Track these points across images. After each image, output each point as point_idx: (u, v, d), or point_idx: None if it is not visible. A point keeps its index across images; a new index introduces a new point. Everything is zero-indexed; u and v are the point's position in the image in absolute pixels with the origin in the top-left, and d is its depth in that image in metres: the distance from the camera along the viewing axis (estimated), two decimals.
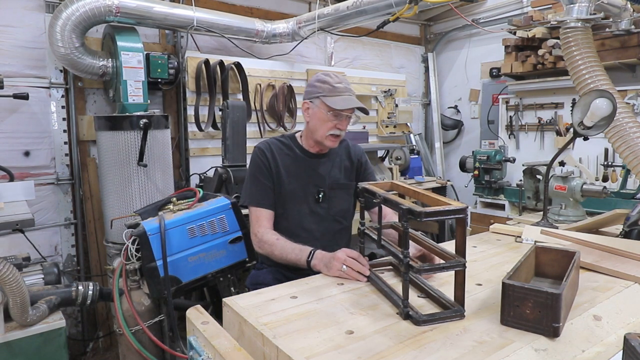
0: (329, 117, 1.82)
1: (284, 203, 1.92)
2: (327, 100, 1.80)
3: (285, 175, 1.91)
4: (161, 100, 3.57)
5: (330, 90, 1.81)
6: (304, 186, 1.92)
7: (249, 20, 3.54)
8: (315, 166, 1.95)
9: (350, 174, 2.02)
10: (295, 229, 1.91)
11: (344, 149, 2.05)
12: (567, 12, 2.10)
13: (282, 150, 1.95)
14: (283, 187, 1.91)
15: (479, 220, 3.65)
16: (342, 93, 1.81)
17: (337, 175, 1.98)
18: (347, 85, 1.86)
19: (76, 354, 3.17)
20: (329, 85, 1.82)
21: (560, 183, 2.50)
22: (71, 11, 2.65)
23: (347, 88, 1.84)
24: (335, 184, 1.96)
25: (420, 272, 1.18)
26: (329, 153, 2.00)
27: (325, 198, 1.94)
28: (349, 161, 2.03)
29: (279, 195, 1.92)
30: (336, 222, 1.98)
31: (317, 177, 1.94)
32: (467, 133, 5.23)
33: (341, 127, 1.85)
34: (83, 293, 2.10)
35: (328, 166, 1.97)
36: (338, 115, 1.82)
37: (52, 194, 3.14)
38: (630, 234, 1.79)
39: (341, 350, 1.00)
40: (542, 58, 3.54)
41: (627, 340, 0.79)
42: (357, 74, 4.59)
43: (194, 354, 1.12)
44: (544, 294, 1.04)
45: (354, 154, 2.05)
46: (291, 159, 1.94)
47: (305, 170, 1.93)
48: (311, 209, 1.93)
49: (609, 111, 1.76)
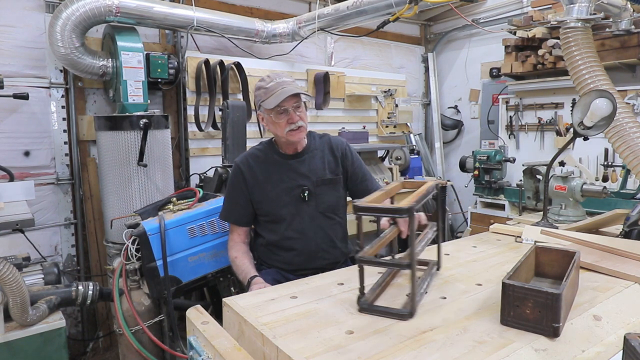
0: (277, 118, 1.85)
1: (272, 209, 1.94)
2: (264, 103, 1.84)
3: (267, 183, 1.93)
4: (161, 100, 3.57)
5: (264, 93, 1.85)
6: (287, 189, 1.93)
7: (249, 20, 3.54)
8: (295, 166, 1.95)
9: (335, 168, 2.01)
10: (287, 231, 1.93)
11: (325, 144, 2.04)
12: (567, 12, 2.10)
13: (259, 159, 1.97)
14: (267, 194, 1.93)
15: (479, 220, 3.65)
16: (275, 90, 1.83)
17: (321, 171, 1.97)
18: (281, 79, 1.87)
19: (76, 354, 3.17)
20: (262, 89, 1.87)
21: (560, 183, 2.50)
22: (71, 11, 2.65)
23: (279, 83, 1.85)
24: (320, 180, 1.95)
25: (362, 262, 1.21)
26: (309, 150, 1.99)
27: (311, 196, 1.93)
28: (332, 155, 2.02)
29: (265, 203, 1.94)
30: (327, 218, 1.97)
31: (299, 177, 1.94)
32: (467, 133, 5.22)
33: (293, 120, 1.85)
34: (83, 293, 2.10)
35: (309, 164, 1.97)
36: (283, 112, 1.84)
37: (52, 194, 3.14)
38: (630, 234, 1.79)
39: (341, 350, 1.00)
40: (542, 58, 3.54)
41: (627, 340, 0.79)
42: (357, 74, 4.59)
43: (194, 354, 1.12)
44: (544, 294, 1.04)
45: (336, 147, 2.03)
46: (270, 165, 1.96)
47: (285, 173, 1.94)
48: (299, 209, 1.93)
49: (609, 111, 1.76)
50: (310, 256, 1.93)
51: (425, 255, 1.51)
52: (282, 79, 1.87)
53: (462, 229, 4.70)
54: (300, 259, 1.93)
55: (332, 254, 1.97)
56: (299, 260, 1.93)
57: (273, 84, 1.85)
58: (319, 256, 1.94)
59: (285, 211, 1.93)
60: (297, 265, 1.93)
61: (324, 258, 1.94)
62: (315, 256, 1.93)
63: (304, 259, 1.93)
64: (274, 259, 1.97)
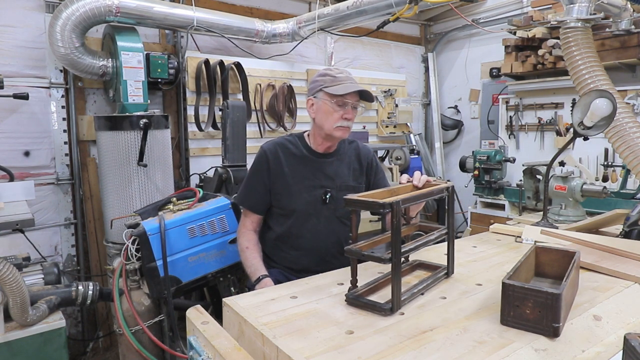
0: (334, 108, 1.81)
1: (289, 203, 1.90)
2: (329, 89, 1.79)
3: (291, 176, 1.89)
4: (161, 100, 3.57)
5: (331, 80, 1.81)
6: (310, 187, 1.90)
7: (249, 20, 3.54)
8: (323, 166, 1.92)
9: (359, 176, 1.99)
10: (300, 229, 1.90)
11: (353, 150, 2.02)
12: (567, 12, 2.10)
13: (288, 150, 1.93)
14: (289, 187, 1.89)
15: (479, 220, 3.65)
16: (344, 81, 1.81)
17: (346, 177, 1.95)
18: (349, 75, 1.86)
19: (76, 354, 3.17)
20: (330, 76, 1.83)
21: (560, 183, 2.50)
22: (71, 11, 2.65)
23: (348, 77, 1.84)
24: (343, 185, 1.92)
25: (348, 255, 1.25)
26: (338, 153, 1.97)
27: (332, 199, 1.90)
28: (358, 163, 2.00)
29: (284, 196, 1.90)
30: (342, 224, 1.94)
31: (324, 178, 1.91)
32: (467, 133, 5.23)
33: (348, 117, 1.82)
34: (83, 293, 2.10)
35: (336, 166, 1.94)
36: (343, 105, 1.81)
37: (52, 194, 3.14)
38: (630, 234, 1.79)
39: (341, 350, 1.00)
40: (542, 58, 3.54)
41: (627, 340, 0.79)
42: (357, 74, 4.58)
43: (194, 354, 1.12)
44: (544, 294, 1.04)
45: (363, 156, 2.02)
46: (297, 159, 1.92)
47: (311, 171, 1.91)
48: (317, 210, 1.90)
49: (609, 111, 1.76)
50: (318, 259, 1.89)
51: (442, 259, 1.52)
52: (350, 75, 1.86)
53: (462, 229, 4.70)
54: (307, 260, 1.90)
55: (340, 260, 1.88)
56: (306, 262, 1.90)
57: (342, 76, 1.83)
58: (327, 260, 1.89)
59: (302, 208, 1.89)
60: (303, 266, 1.89)
61: (331, 263, 1.87)
62: (322, 260, 1.89)
63: (311, 261, 1.89)
64: (281, 256, 1.94)
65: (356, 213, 1.29)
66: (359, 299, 1.23)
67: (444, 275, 1.46)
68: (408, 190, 1.48)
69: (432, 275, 1.42)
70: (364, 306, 1.22)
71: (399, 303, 1.20)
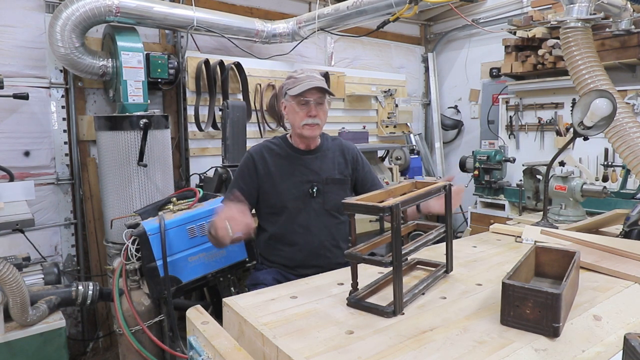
0: (298, 108, 1.91)
1: (278, 201, 1.97)
2: (290, 91, 1.91)
3: (278, 174, 1.97)
4: (161, 100, 3.57)
5: (293, 82, 1.93)
6: (296, 183, 1.97)
7: (249, 20, 3.54)
8: (307, 162, 2.00)
9: (344, 169, 2.07)
10: (291, 225, 1.96)
11: (337, 146, 2.11)
12: (567, 12, 2.10)
13: (273, 151, 2.02)
14: (277, 186, 1.97)
15: (479, 220, 3.65)
16: (303, 81, 1.89)
17: (331, 170, 2.03)
18: (312, 74, 1.94)
19: (76, 354, 3.17)
20: (292, 78, 1.94)
21: (560, 183, 2.50)
22: (71, 11, 2.65)
23: (309, 76, 1.92)
24: (329, 179, 2.01)
25: (348, 259, 1.24)
26: (321, 149, 2.05)
27: (319, 193, 1.98)
28: (342, 157, 2.08)
29: (273, 194, 1.97)
30: (332, 217, 2.01)
31: (310, 173, 1.99)
32: (467, 133, 5.22)
33: (312, 114, 1.90)
34: (83, 293, 2.10)
35: (320, 162, 2.02)
36: (305, 103, 1.89)
37: (52, 194, 3.14)
38: (630, 234, 1.79)
39: (341, 350, 1.00)
40: (542, 58, 3.54)
41: (627, 340, 0.79)
42: (357, 74, 4.59)
43: (194, 354, 1.12)
44: (544, 294, 1.04)
45: (347, 150, 2.11)
46: (282, 158, 2.00)
47: (297, 167, 1.99)
48: (306, 204, 1.97)
49: (609, 111, 1.76)
50: (312, 253, 1.95)
51: (441, 258, 1.52)
52: (312, 74, 1.94)
53: (462, 229, 4.70)
54: (302, 255, 1.95)
55: (335, 253, 1.98)
56: (301, 257, 1.95)
57: (303, 76, 1.92)
58: (321, 254, 1.96)
59: (291, 204, 1.96)
60: (299, 262, 1.95)
61: (325, 256, 1.96)
62: (317, 253, 1.96)
63: (306, 255, 1.95)
64: (276, 254, 1.99)
65: (353, 216, 1.28)
66: (361, 303, 1.23)
67: (444, 273, 1.46)
68: (406, 190, 1.48)
69: (432, 274, 1.42)
70: (367, 310, 1.21)
71: (401, 305, 1.19)
